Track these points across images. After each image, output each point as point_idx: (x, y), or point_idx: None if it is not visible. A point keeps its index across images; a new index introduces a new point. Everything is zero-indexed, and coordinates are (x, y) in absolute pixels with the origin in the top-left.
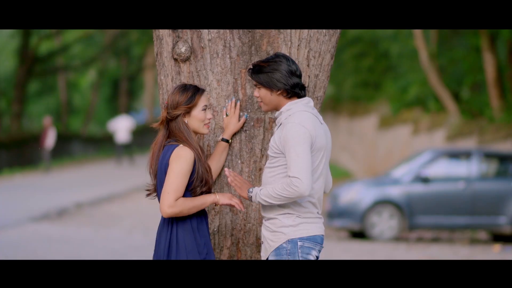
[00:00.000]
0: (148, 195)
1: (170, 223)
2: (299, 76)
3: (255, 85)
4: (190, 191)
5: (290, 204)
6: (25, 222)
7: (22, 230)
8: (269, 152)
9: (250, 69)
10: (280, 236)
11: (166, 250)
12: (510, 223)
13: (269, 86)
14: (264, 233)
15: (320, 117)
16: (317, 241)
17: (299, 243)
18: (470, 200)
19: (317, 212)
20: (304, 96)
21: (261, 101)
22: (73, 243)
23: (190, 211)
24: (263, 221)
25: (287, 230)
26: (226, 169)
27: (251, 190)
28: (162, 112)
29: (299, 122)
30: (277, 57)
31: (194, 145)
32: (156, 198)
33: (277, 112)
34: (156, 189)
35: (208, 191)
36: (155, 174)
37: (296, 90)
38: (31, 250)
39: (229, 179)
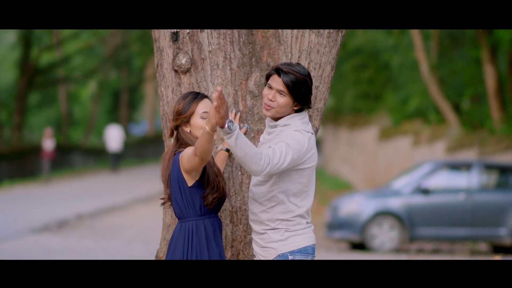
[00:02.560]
0: (163, 204)
1: (187, 231)
2: None
3: (280, 92)
4: (202, 198)
5: (278, 218)
6: (26, 233)
7: (22, 242)
8: None
9: (281, 70)
10: (271, 252)
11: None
12: (510, 234)
13: (298, 100)
14: (255, 248)
15: (312, 129)
16: (308, 252)
17: (289, 257)
18: (470, 212)
19: (306, 222)
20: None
21: (275, 107)
22: (73, 254)
23: (203, 147)
24: (253, 235)
25: (276, 245)
26: (218, 87)
27: (233, 125)
28: (170, 123)
29: (298, 139)
30: (307, 74)
31: None
32: (162, 208)
33: (272, 123)
34: (170, 198)
35: (221, 197)
36: (167, 183)
37: (306, 108)
38: None
39: (215, 95)
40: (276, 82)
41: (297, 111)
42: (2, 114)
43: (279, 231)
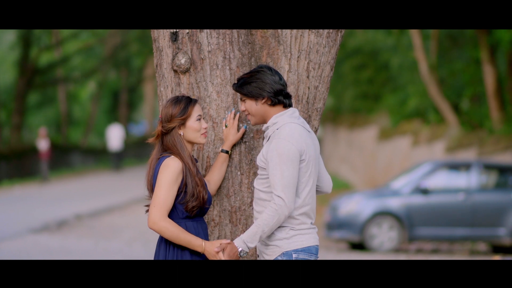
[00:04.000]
0: (147, 211)
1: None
2: (283, 85)
3: (241, 99)
4: (181, 204)
5: None
6: (25, 233)
7: (22, 242)
8: (259, 163)
9: (234, 83)
10: (275, 250)
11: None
12: (509, 234)
13: (253, 96)
14: (259, 247)
15: (307, 126)
16: (312, 251)
17: (294, 255)
18: (469, 212)
19: (311, 223)
20: (289, 104)
21: (248, 114)
22: (73, 254)
23: (171, 239)
24: None
25: (281, 243)
26: (216, 249)
27: (245, 251)
28: (157, 127)
29: (285, 137)
30: (260, 68)
31: (185, 158)
32: None
33: (264, 126)
34: None
35: (202, 206)
36: (151, 189)
37: (280, 98)
38: None
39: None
40: (237, 93)
41: (275, 105)
42: (2, 114)
43: (284, 229)
